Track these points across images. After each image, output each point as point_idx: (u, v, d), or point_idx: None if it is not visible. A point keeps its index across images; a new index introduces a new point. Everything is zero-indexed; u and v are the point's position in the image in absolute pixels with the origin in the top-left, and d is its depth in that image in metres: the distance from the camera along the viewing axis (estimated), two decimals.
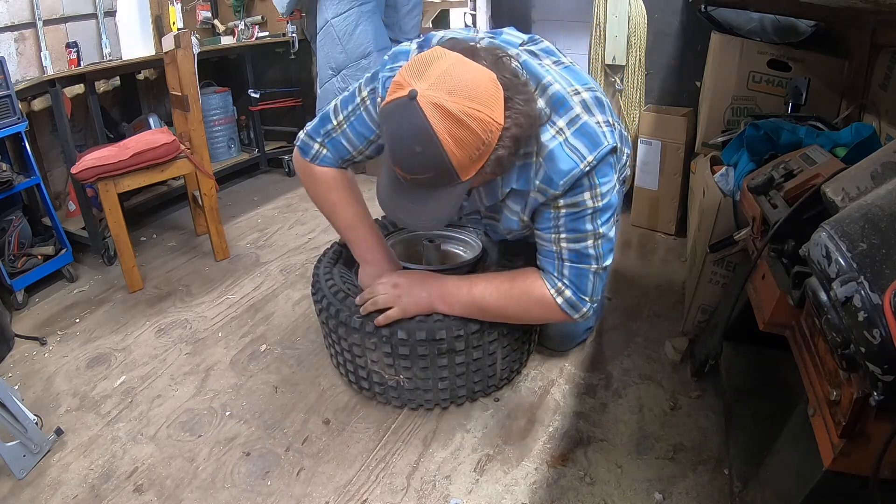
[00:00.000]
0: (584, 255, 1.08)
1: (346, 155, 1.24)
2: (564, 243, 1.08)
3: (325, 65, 2.64)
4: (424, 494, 1.11)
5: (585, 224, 1.06)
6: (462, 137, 0.87)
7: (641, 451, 1.20)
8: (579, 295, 1.12)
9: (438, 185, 0.93)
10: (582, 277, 1.10)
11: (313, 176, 1.27)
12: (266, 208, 2.72)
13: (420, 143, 0.86)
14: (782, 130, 1.24)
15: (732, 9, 1.94)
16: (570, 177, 0.99)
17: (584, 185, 1.02)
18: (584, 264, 1.09)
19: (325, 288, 1.30)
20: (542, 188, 1.03)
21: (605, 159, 1.01)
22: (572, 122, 1.00)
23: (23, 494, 1.15)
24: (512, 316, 1.19)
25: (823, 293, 0.65)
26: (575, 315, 1.13)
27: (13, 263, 1.92)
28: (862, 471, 0.66)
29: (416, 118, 0.85)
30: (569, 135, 1.00)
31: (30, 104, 2.31)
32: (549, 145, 1.00)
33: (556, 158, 0.99)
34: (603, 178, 1.03)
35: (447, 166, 0.88)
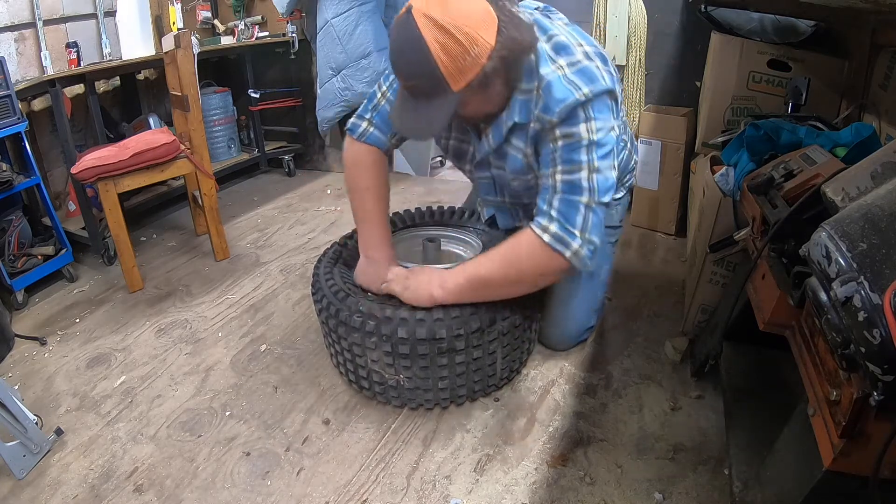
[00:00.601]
0: (577, 187, 1.11)
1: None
2: (559, 175, 1.12)
3: (325, 65, 2.65)
4: (424, 494, 1.11)
5: (580, 155, 1.10)
6: (448, 45, 0.98)
7: (641, 451, 1.20)
8: (566, 227, 1.11)
9: (433, 93, 1.03)
10: (571, 208, 1.11)
11: (357, 153, 1.35)
12: (266, 208, 2.72)
13: (412, 49, 0.99)
14: (782, 130, 1.24)
15: (732, 9, 1.94)
16: (565, 105, 1.07)
17: (579, 115, 1.08)
18: (575, 195, 1.11)
19: (325, 287, 1.31)
20: (540, 116, 1.11)
21: (602, 97, 1.09)
22: (573, 63, 1.10)
23: (23, 494, 1.15)
24: (508, 280, 1.17)
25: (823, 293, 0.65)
26: (567, 252, 1.10)
27: (13, 263, 1.93)
28: (862, 471, 0.66)
29: (410, 27, 0.98)
30: (568, 71, 1.09)
31: (30, 104, 2.31)
32: (548, 77, 1.09)
33: (554, 88, 1.08)
34: (599, 114, 1.09)
35: (436, 71, 0.99)
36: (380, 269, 1.31)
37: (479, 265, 1.19)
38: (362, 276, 1.33)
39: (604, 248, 1.49)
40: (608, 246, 1.52)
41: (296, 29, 2.88)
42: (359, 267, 1.35)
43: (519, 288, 1.20)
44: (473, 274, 1.18)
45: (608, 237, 1.51)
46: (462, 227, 1.59)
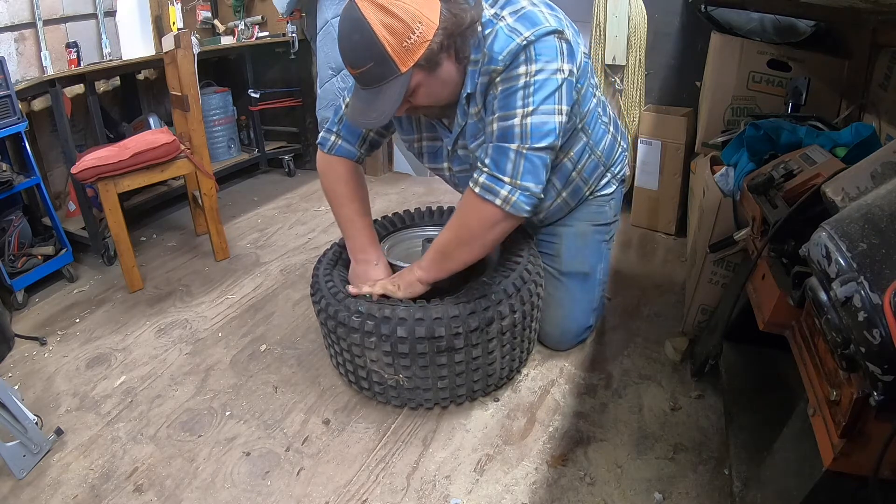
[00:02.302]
0: (509, 134, 1.10)
1: (359, 133, 1.35)
2: (495, 123, 1.12)
3: (325, 65, 2.64)
4: (424, 494, 1.11)
5: (515, 100, 1.09)
6: (392, 25, 0.99)
7: (641, 451, 1.20)
8: (493, 175, 1.10)
9: (382, 77, 1.04)
10: (501, 155, 1.10)
11: (328, 166, 1.38)
12: (266, 208, 2.72)
13: (357, 31, 1.00)
14: (782, 130, 1.24)
15: (732, 9, 1.94)
16: (507, 51, 1.07)
17: (520, 59, 1.08)
18: (507, 142, 1.10)
19: (324, 288, 1.31)
20: (486, 69, 1.11)
21: (545, 39, 1.08)
22: (515, 12, 1.10)
23: (23, 494, 1.15)
24: (462, 240, 1.19)
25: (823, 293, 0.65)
26: (496, 200, 1.10)
27: (13, 263, 1.92)
28: (862, 471, 0.66)
29: (353, 12, 1.00)
30: (510, 21, 1.10)
31: (30, 104, 2.31)
32: (493, 32, 1.10)
33: (497, 39, 1.09)
34: (540, 55, 1.08)
35: (382, 52, 1.01)
36: (369, 268, 1.35)
37: (441, 236, 1.23)
38: (354, 278, 1.36)
39: (598, 247, 1.48)
40: (603, 245, 1.50)
41: (296, 29, 2.88)
42: (351, 271, 1.39)
43: (475, 246, 1.19)
44: (438, 245, 1.22)
45: (602, 235, 1.49)
46: None
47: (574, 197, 1.42)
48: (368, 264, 1.36)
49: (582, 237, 1.46)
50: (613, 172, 1.47)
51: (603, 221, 1.47)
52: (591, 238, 1.47)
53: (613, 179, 1.47)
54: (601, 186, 1.45)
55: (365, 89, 1.07)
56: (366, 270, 1.35)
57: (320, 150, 1.39)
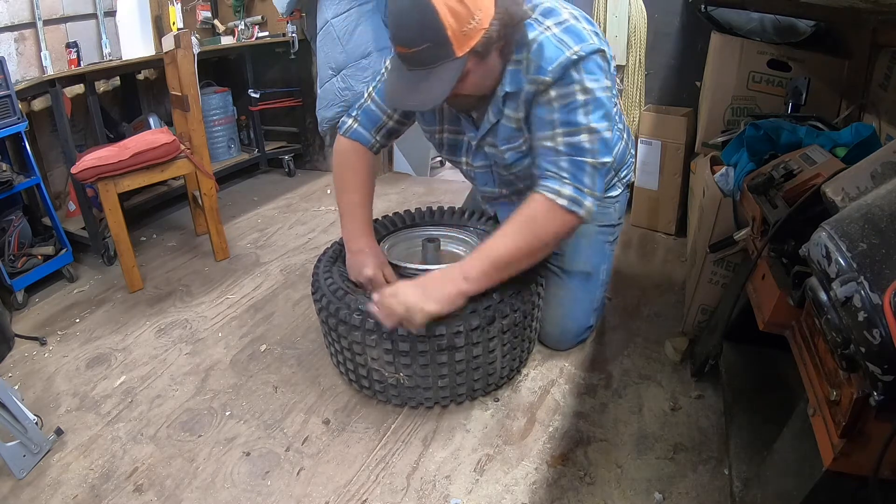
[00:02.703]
0: (580, 149, 1.13)
1: (377, 121, 1.36)
2: (560, 137, 1.13)
3: (325, 65, 2.64)
4: (424, 494, 1.11)
5: (578, 117, 1.11)
6: (454, 7, 0.98)
7: (641, 451, 1.20)
8: (578, 189, 1.13)
9: (437, 59, 1.02)
10: (579, 169, 1.13)
11: (341, 150, 1.40)
12: (266, 208, 2.72)
13: (418, 10, 0.98)
14: (782, 130, 1.24)
15: (732, 9, 1.94)
16: (557, 63, 1.08)
17: (572, 76, 1.09)
18: (581, 157, 1.13)
19: (324, 286, 1.31)
20: (533, 78, 1.12)
21: (592, 57, 1.09)
22: (560, 23, 1.11)
23: (23, 494, 1.15)
24: (531, 250, 1.17)
25: (823, 293, 0.65)
26: (581, 212, 1.14)
27: (13, 263, 1.92)
28: (862, 471, 0.66)
29: None
30: (556, 31, 1.10)
31: (30, 104, 2.31)
32: (538, 39, 1.10)
33: (545, 48, 1.09)
34: (590, 74, 1.10)
35: (443, 34, 0.99)
36: (362, 258, 1.34)
37: (498, 246, 1.16)
38: (349, 270, 1.36)
39: (601, 248, 1.50)
40: (606, 246, 1.51)
41: (296, 29, 2.88)
42: (346, 262, 1.38)
43: (541, 254, 1.21)
44: (496, 256, 1.15)
45: (606, 236, 1.51)
46: (462, 227, 1.59)
47: None
48: (361, 254, 1.34)
49: (586, 237, 1.46)
50: (620, 177, 1.49)
51: (608, 222, 1.49)
52: (595, 238, 1.48)
53: (619, 183, 1.50)
54: (608, 190, 1.47)
55: (412, 70, 1.06)
56: (358, 261, 1.33)
57: (339, 134, 1.41)
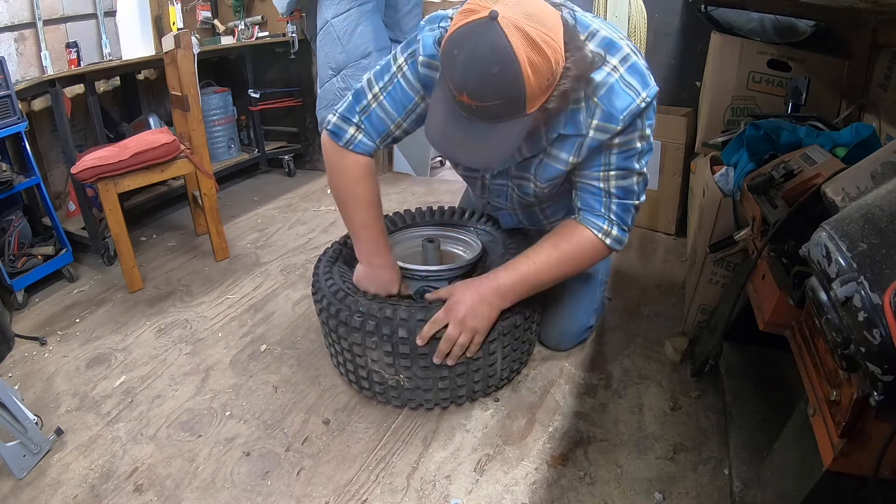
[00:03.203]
0: (630, 192, 1.17)
1: (384, 130, 1.22)
2: (613, 181, 1.14)
3: (325, 65, 2.64)
4: (424, 494, 1.11)
5: (633, 163, 1.13)
6: (538, 63, 0.86)
7: (641, 451, 1.20)
8: (623, 229, 1.20)
9: (504, 116, 0.91)
10: (626, 212, 1.19)
11: (344, 163, 1.23)
12: (266, 208, 2.72)
13: (499, 63, 0.85)
14: (782, 130, 1.24)
15: (732, 9, 1.94)
16: (628, 112, 1.03)
17: (637, 124, 1.07)
18: (629, 200, 1.18)
19: (324, 287, 1.30)
20: (602, 126, 1.05)
21: (653, 102, 1.07)
22: (624, 60, 1.03)
23: (23, 494, 1.15)
24: (565, 275, 1.25)
25: (823, 293, 0.65)
26: (619, 248, 1.22)
27: (13, 263, 1.92)
28: (862, 471, 0.66)
29: (497, 38, 0.84)
30: (623, 72, 1.03)
31: (30, 104, 2.31)
32: (606, 82, 1.02)
33: (615, 94, 1.02)
34: (649, 120, 1.10)
35: (520, 92, 0.88)
36: (383, 272, 1.29)
37: (538, 271, 1.19)
38: (369, 285, 1.30)
39: None
40: None
41: (296, 29, 2.88)
42: (361, 273, 1.32)
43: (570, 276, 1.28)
44: (535, 280, 1.20)
45: None
46: (462, 226, 1.59)
47: None
48: (384, 270, 1.29)
49: None
50: None
51: None
52: None
53: None
54: None
55: (474, 123, 0.94)
56: (380, 276, 1.29)
57: (331, 140, 1.23)
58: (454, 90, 0.91)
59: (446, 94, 0.95)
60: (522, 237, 1.46)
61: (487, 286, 1.19)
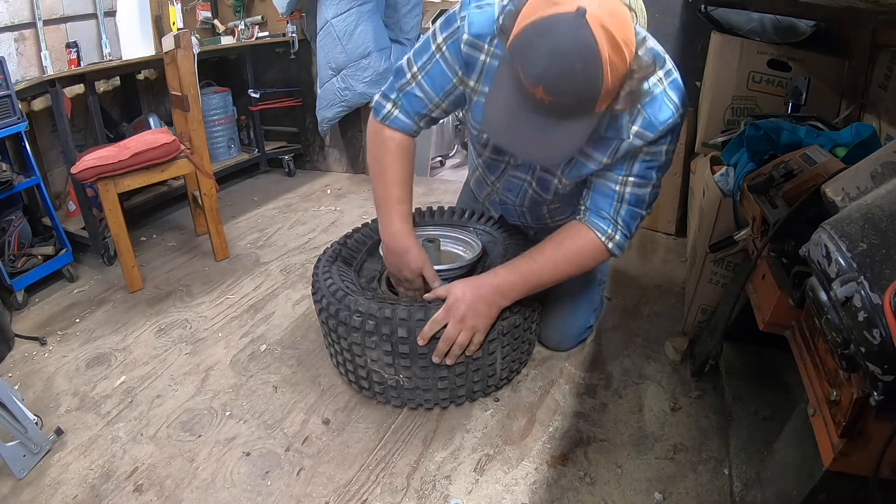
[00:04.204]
0: (642, 201, 1.18)
1: (421, 110, 1.22)
2: (630, 187, 1.15)
3: (325, 65, 2.65)
4: (424, 494, 1.11)
5: (653, 173, 1.14)
6: (616, 64, 0.86)
7: (641, 451, 1.20)
8: (626, 235, 1.20)
9: (574, 113, 0.90)
10: (633, 220, 1.19)
11: (380, 137, 1.26)
12: (266, 208, 2.72)
13: (583, 61, 0.84)
14: (782, 130, 1.24)
15: (732, 9, 1.94)
16: (667, 125, 1.05)
17: (668, 138, 1.09)
18: (639, 208, 1.18)
19: (324, 287, 1.30)
20: (641, 133, 1.07)
21: (683, 122, 1.10)
22: (668, 74, 1.05)
23: (23, 494, 1.15)
24: (567, 276, 1.24)
25: (823, 293, 0.65)
26: (619, 253, 1.22)
27: (13, 263, 1.92)
28: (862, 471, 0.66)
29: (585, 35, 0.83)
30: (667, 85, 1.05)
31: (30, 104, 2.31)
32: (652, 91, 1.04)
33: (659, 105, 1.04)
34: (677, 137, 1.12)
35: (596, 92, 0.87)
36: (407, 256, 1.26)
37: (539, 270, 1.20)
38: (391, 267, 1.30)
39: None
40: None
41: (296, 29, 2.88)
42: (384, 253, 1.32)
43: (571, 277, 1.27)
44: (536, 279, 1.21)
45: None
46: (462, 227, 1.59)
47: None
48: (409, 253, 1.26)
49: None
50: None
51: None
52: None
53: None
54: None
55: (544, 118, 0.91)
56: (404, 259, 1.26)
57: (372, 115, 1.26)
58: (528, 82, 0.87)
59: (514, 84, 0.91)
60: (522, 238, 1.46)
61: (487, 284, 1.19)
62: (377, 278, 1.45)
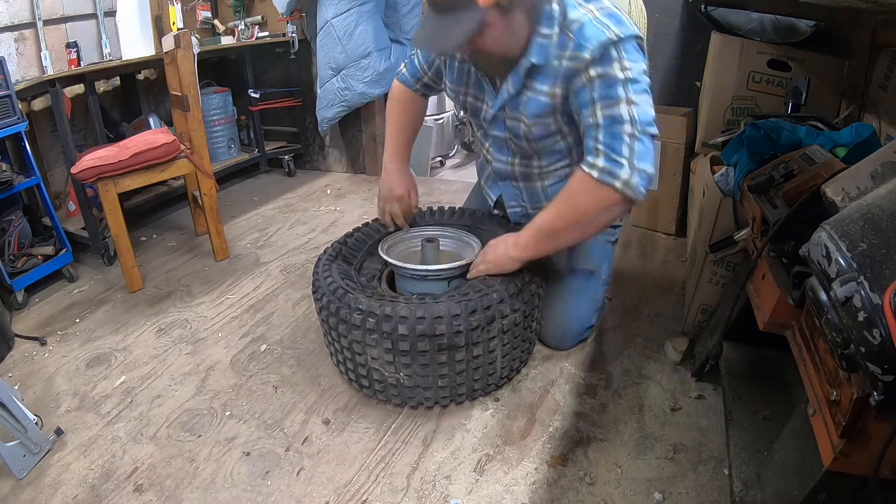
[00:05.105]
0: (618, 119, 1.12)
1: (417, 72, 1.52)
2: (599, 111, 1.14)
3: (325, 65, 2.65)
4: (424, 494, 1.11)
5: (617, 90, 1.12)
6: None
7: (641, 451, 1.20)
8: (612, 158, 1.11)
9: (459, 5, 1.08)
10: (615, 139, 1.12)
11: (392, 89, 1.60)
12: (266, 208, 2.72)
13: None
14: (782, 130, 1.24)
15: (732, 9, 1.94)
16: (599, 42, 1.10)
17: (612, 55, 1.11)
18: (618, 126, 1.12)
19: (324, 285, 1.31)
20: (573, 55, 1.14)
21: (631, 40, 1.12)
22: (602, 8, 1.14)
23: (23, 494, 1.15)
24: (574, 221, 1.20)
25: (823, 293, 0.65)
26: (617, 183, 1.11)
27: (13, 263, 1.92)
28: (862, 471, 0.66)
29: None
30: (598, 14, 1.13)
31: (30, 104, 2.31)
32: (580, 19, 1.13)
33: (585, 28, 1.12)
34: (629, 55, 1.12)
35: None
36: (391, 177, 1.54)
37: (543, 216, 1.23)
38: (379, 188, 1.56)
39: (604, 247, 1.50)
40: (608, 245, 1.52)
41: (296, 29, 2.88)
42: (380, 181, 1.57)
43: (588, 229, 1.22)
44: (539, 225, 1.23)
45: (608, 236, 1.51)
46: (462, 227, 1.59)
47: None
48: (391, 174, 1.54)
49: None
50: None
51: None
52: (598, 237, 1.48)
53: None
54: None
55: (437, 16, 1.12)
56: (390, 181, 1.53)
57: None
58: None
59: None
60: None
61: (510, 241, 1.28)
62: (377, 277, 1.46)
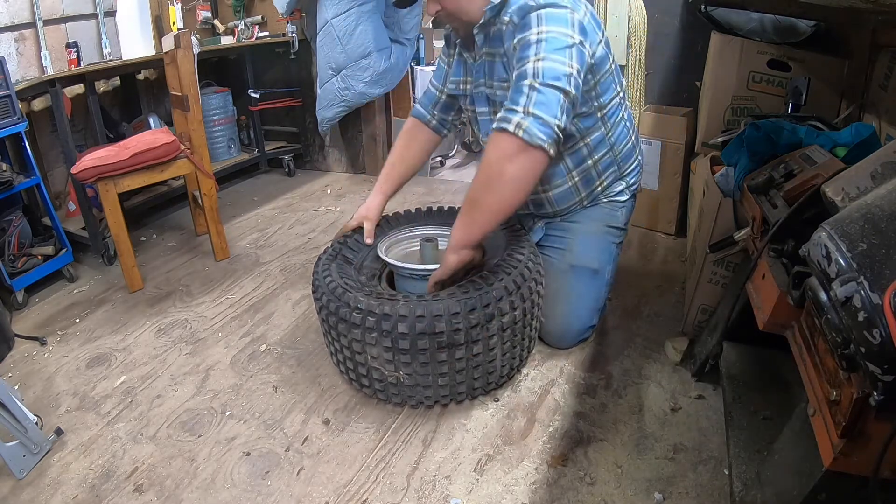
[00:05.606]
0: (522, 75, 1.16)
1: (433, 97, 1.59)
2: (514, 72, 1.19)
3: (325, 65, 2.65)
4: (424, 494, 1.11)
5: (528, 51, 1.17)
6: None
7: (641, 451, 1.20)
8: (511, 109, 1.13)
9: None
10: (516, 92, 1.15)
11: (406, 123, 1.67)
12: (266, 208, 2.72)
13: None
14: (782, 130, 1.24)
15: (732, 9, 1.94)
16: (518, 6, 1.20)
17: (531, 19, 1.18)
18: (521, 81, 1.15)
19: (324, 284, 1.31)
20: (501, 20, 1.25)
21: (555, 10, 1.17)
22: None
23: (23, 494, 1.15)
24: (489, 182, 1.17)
25: (823, 293, 0.65)
26: (509, 127, 1.11)
27: (13, 263, 1.93)
28: (862, 471, 0.66)
29: None
30: None
31: (30, 104, 2.31)
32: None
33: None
34: (550, 20, 1.17)
35: None
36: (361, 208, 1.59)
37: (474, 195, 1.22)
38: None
39: (609, 247, 1.50)
40: (613, 246, 1.53)
41: (296, 29, 2.88)
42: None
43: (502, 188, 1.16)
44: (472, 200, 1.22)
45: (613, 237, 1.51)
46: None
47: (586, 186, 1.46)
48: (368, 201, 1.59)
49: (595, 234, 1.49)
50: (628, 182, 1.51)
51: (615, 224, 1.51)
52: (603, 237, 1.50)
53: (627, 189, 1.51)
54: (616, 192, 1.50)
55: None
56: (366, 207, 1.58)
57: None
58: None
59: None
60: (522, 234, 1.46)
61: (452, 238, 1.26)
62: (377, 276, 1.46)
